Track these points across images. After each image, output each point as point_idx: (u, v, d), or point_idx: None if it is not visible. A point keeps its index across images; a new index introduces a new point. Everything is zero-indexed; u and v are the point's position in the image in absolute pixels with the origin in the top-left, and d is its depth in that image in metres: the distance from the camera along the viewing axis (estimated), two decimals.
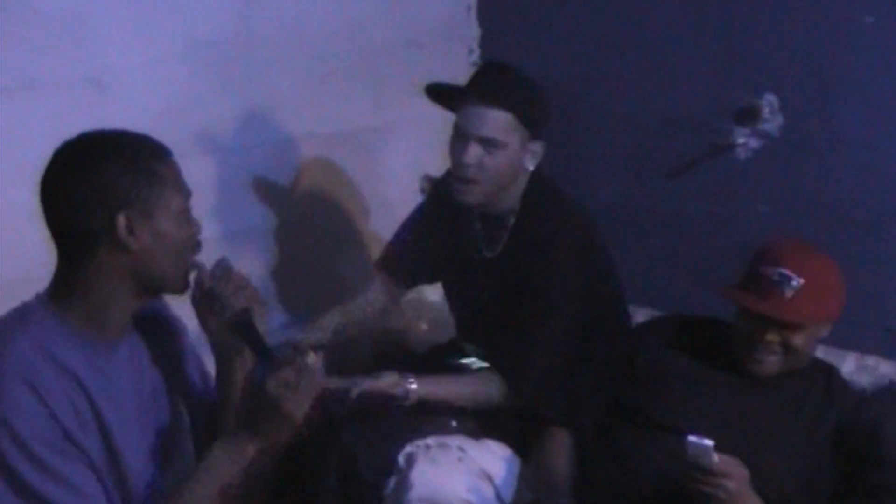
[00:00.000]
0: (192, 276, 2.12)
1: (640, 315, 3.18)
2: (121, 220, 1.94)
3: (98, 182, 1.94)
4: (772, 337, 2.60)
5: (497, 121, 2.73)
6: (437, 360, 3.04)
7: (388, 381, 2.75)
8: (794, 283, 2.55)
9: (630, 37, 3.51)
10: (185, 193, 2.05)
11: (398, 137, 3.58)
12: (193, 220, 2.08)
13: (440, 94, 2.85)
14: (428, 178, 3.64)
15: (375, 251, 3.66)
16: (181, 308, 2.25)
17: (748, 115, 3.20)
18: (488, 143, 2.74)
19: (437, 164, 3.09)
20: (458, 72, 2.95)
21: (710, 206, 3.33)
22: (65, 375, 1.94)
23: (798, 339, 2.60)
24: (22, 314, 2.01)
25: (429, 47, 3.64)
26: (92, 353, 2.00)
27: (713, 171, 3.28)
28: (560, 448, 2.81)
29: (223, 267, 2.12)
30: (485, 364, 2.94)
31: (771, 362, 2.63)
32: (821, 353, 2.84)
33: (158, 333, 2.21)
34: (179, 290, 2.10)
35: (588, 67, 3.61)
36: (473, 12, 3.82)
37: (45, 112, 2.77)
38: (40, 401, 1.90)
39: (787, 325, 2.58)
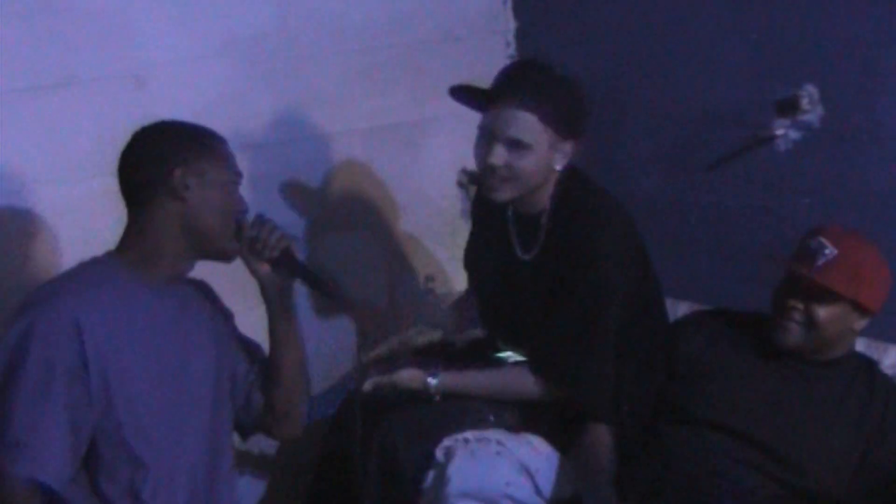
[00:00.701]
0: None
1: (681, 308, 3.16)
2: (177, 172, 2.23)
3: (161, 145, 2.28)
4: (794, 303, 2.63)
5: (523, 122, 2.68)
6: (478, 354, 3.03)
7: (404, 376, 2.77)
8: (826, 251, 2.60)
9: (668, 28, 3.46)
10: (235, 172, 2.35)
11: (438, 132, 3.57)
12: (241, 199, 2.36)
13: (465, 96, 2.83)
14: (465, 172, 3.63)
15: (415, 246, 3.67)
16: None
17: (788, 107, 3.17)
18: (515, 145, 2.70)
19: None
20: (496, 66, 2.93)
21: (752, 199, 3.29)
22: (107, 315, 2.19)
23: (820, 313, 2.61)
24: (88, 263, 2.30)
25: (468, 41, 3.62)
26: (137, 287, 2.26)
27: (754, 163, 3.24)
28: (601, 444, 2.79)
29: (259, 217, 2.38)
30: (520, 359, 2.92)
31: (790, 330, 2.65)
32: (863, 346, 2.83)
33: (211, 307, 2.48)
34: (226, 253, 2.35)
35: (624, 60, 3.57)
36: (509, 5, 3.80)
37: (85, 109, 2.80)
38: (79, 341, 2.14)
39: (812, 295, 2.60)
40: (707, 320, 2.93)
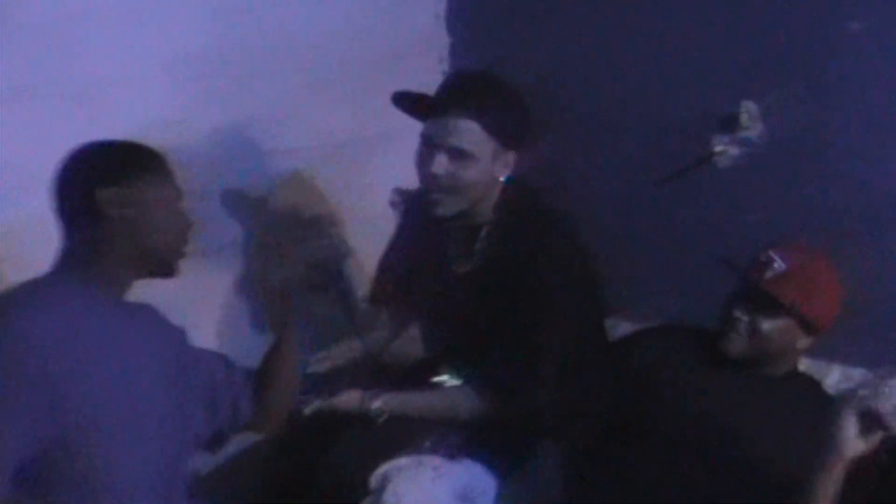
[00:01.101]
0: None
1: (622, 329, 3.17)
2: (111, 193, 2.17)
3: (95, 167, 2.22)
4: (740, 314, 2.67)
5: (465, 131, 2.67)
6: (421, 377, 2.99)
7: (345, 399, 2.74)
8: (775, 265, 2.64)
9: (601, 42, 3.48)
10: (175, 188, 2.29)
11: (383, 150, 3.56)
12: (184, 214, 2.30)
13: (407, 103, 2.81)
14: (398, 192, 3.60)
15: (356, 265, 3.64)
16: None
17: (729, 123, 3.19)
18: (457, 154, 2.68)
19: None
20: (432, 83, 2.94)
21: (700, 216, 3.32)
22: (57, 331, 2.11)
23: (765, 325, 2.65)
24: (31, 282, 2.22)
25: (410, 58, 3.63)
26: (86, 304, 2.19)
27: (702, 180, 3.25)
28: (547, 466, 2.78)
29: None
30: (457, 383, 2.88)
31: (734, 340, 2.69)
32: (805, 366, 2.85)
33: (161, 325, 2.41)
34: (173, 269, 2.30)
35: (557, 79, 3.56)
36: (442, 21, 3.79)
37: (28, 125, 2.74)
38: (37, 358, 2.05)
39: (759, 306, 2.64)
40: (657, 336, 2.94)
